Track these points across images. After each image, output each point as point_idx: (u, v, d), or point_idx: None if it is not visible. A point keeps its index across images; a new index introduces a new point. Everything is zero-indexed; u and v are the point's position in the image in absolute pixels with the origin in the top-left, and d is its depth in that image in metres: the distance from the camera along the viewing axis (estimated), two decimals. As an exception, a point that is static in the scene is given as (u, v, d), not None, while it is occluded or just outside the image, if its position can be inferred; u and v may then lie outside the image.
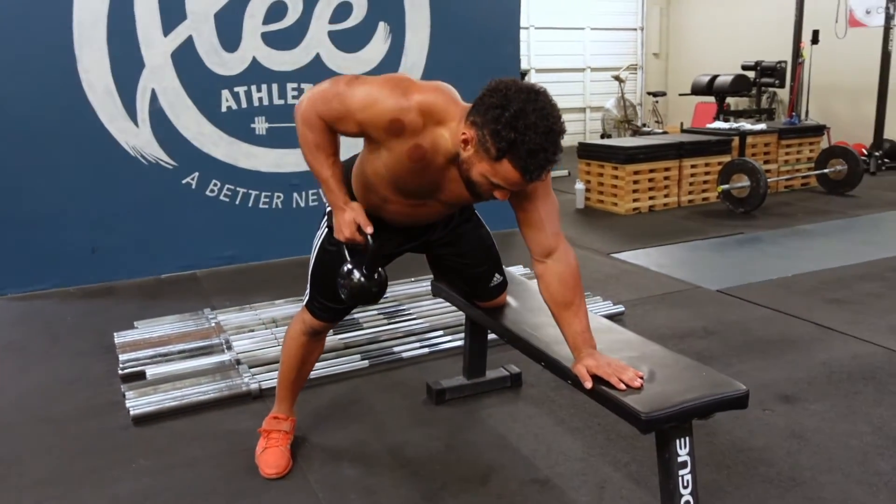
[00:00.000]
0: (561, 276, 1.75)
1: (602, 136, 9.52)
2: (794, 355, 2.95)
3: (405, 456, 2.25)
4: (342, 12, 4.20)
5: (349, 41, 4.26)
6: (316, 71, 4.20)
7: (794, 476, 2.11)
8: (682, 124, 9.80)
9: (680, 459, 1.64)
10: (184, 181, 4.07)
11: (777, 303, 3.56)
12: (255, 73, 4.08)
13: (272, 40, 4.08)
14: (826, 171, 6.27)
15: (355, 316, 3.31)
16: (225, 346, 2.99)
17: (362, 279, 1.82)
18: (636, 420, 1.54)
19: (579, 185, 5.87)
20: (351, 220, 1.77)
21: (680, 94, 9.11)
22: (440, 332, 3.15)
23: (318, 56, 4.20)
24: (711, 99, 8.89)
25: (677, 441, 1.63)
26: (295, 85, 4.19)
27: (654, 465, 2.13)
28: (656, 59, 10.52)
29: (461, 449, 2.30)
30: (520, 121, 1.45)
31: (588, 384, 1.66)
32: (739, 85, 8.06)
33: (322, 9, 4.14)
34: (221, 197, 4.19)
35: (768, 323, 3.31)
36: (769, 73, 8.24)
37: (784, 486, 2.06)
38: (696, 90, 8.54)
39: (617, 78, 9.43)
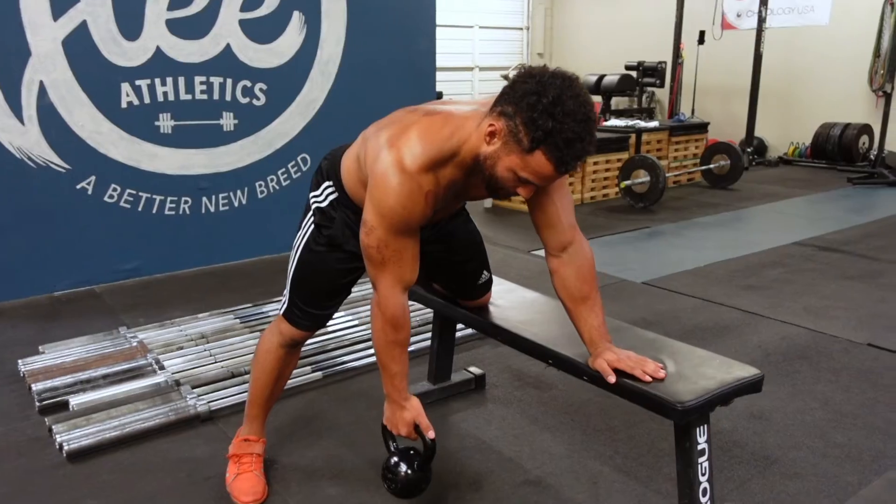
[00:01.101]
0: (578, 270, 1.70)
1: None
2: (730, 340, 3.09)
3: (387, 469, 2.13)
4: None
5: (262, 31, 4.01)
6: (226, 63, 3.93)
7: (766, 455, 2.20)
8: (566, 123, 10.14)
9: (699, 447, 1.64)
10: (78, 186, 3.66)
11: (700, 291, 3.73)
12: (160, 65, 3.74)
13: (178, 28, 3.75)
14: (711, 166, 6.70)
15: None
16: (156, 367, 2.70)
17: (409, 473, 1.71)
18: (671, 411, 1.53)
19: (488, 183, 5.88)
20: (410, 420, 1.70)
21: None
22: (387, 337, 3.03)
23: (228, 47, 3.92)
24: (596, 98, 9.28)
25: (697, 429, 1.63)
26: (203, 78, 3.89)
27: (639, 456, 2.17)
28: (541, 59, 10.83)
29: (443, 457, 2.20)
30: (557, 108, 1.37)
31: (612, 378, 1.63)
32: (625, 84, 8.47)
33: (233, -5, 3.88)
34: (122, 203, 3.80)
35: (698, 311, 3.45)
36: (651, 73, 8.73)
37: (760, 464, 2.14)
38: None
39: (505, 77, 9.61)
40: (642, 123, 6.64)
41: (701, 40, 7.81)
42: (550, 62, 11.17)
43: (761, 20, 7.06)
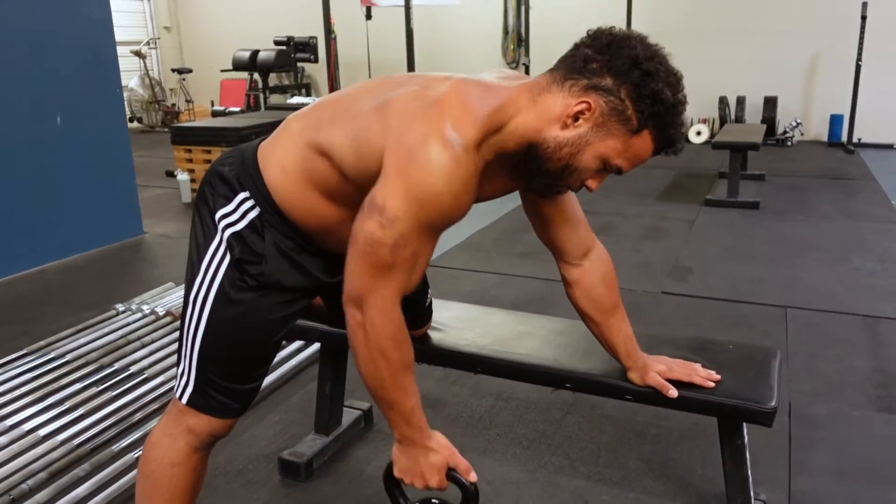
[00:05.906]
0: (605, 277, 1.49)
1: (132, 120, 8.31)
2: (561, 311, 3.06)
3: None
4: None
5: None
6: None
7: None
8: (212, 102, 9.32)
9: (746, 440, 1.56)
10: None
11: (486, 265, 3.71)
12: None
13: None
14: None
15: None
16: None
17: None
18: (760, 415, 1.43)
19: (183, 176, 4.97)
20: (441, 464, 1.23)
21: (222, 70, 8.59)
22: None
23: None
24: (239, 75, 8.65)
25: (744, 423, 1.54)
26: None
27: (595, 457, 2.07)
28: (168, 33, 9.64)
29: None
30: (671, 77, 1.14)
31: (673, 393, 1.48)
32: (283, 60, 8.06)
33: None
34: None
35: (505, 286, 3.39)
36: (303, 48, 8.44)
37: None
38: (238, 66, 8.20)
39: (137, 54, 8.30)
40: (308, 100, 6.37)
41: (368, 15, 7.71)
42: (179, 37, 10.03)
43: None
